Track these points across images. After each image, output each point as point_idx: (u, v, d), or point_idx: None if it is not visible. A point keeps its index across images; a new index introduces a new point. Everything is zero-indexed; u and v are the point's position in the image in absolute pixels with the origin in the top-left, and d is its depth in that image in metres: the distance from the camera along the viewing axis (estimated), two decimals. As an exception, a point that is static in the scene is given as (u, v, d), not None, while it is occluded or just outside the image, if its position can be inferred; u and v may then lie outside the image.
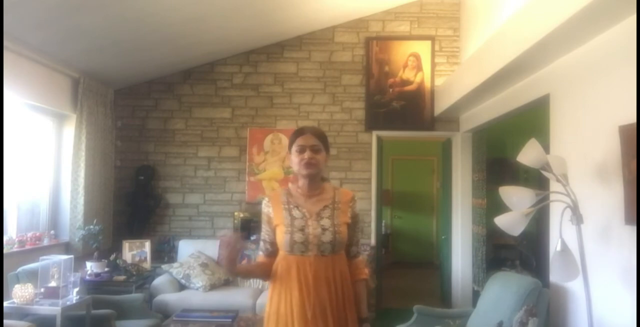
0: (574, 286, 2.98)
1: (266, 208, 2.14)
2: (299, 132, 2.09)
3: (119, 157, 5.67)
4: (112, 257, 4.75)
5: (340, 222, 2.05)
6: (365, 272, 2.17)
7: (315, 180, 2.11)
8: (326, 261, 2.00)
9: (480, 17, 4.94)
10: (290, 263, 2.01)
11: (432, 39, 5.69)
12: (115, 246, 5.20)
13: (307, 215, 2.05)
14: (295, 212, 2.06)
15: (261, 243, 2.16)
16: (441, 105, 5.34)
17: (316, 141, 2.06)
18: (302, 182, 2.11)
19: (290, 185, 2.19)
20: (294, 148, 2.08)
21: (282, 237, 2.03)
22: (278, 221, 2.08)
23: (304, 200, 2.10)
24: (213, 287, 4.80)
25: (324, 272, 1.99)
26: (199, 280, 4.77)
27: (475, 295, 4.90)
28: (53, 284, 3.53)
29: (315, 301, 1.96)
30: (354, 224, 2.13)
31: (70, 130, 4.86)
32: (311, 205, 2.08)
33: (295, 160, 2.07)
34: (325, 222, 2.03)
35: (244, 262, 5.11)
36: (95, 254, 4.63)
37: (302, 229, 2.01)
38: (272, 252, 2.11)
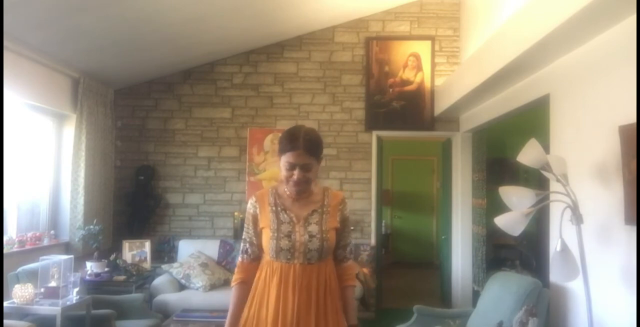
0: (574, 286, 2.98)
1: (252, 208, 2.03)
2: (291, 144, 1.88)
3: (119, 157, 5.67)
4: (112, 257, 4.75)
5: (328, 228, 1.96)
6: (354, 278, 2.12)
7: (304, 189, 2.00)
8: (311, 269, 1.93)
9: (480, 17, 4.94)
10: (274, 270, 1.93)
11: (432, 39, 5.69)
12: (115, 246, 5.20)
13: (294, 220, 1.96)
14: (283, 216, 1.96)
15: (244, 245, 2.04)
16: (441, 105, 5.34)
17: (308, 159, 1.89)
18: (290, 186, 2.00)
19: (278, 185, 2.06)
20: (284, 161, 1.91)
21: (267, 243, 1.94)
22: (264, 224, 1.98)
23: (291, 202, 1.99)
24: (213, 287, 4.80)
25: (308, 282, 1.91)
26: (199, 280, 4.77)
27: (475, 295, 4.90)
28: (53, 284, 3.53)
29: (294, 311, 1.87)
30: (343, 228, 2.04)
31: (70, 130, 4.86)
32: (299, 209, 1.98)
33: (284, 174, 1.94)
34: (313, 228, 1.94)
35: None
36: (95, 254, 4.63)
37: (288, 235, 1.92)
38: (258, 256, 2.02)
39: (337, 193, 2.08)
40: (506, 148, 6.43)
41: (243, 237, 2.05)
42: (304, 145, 1.88)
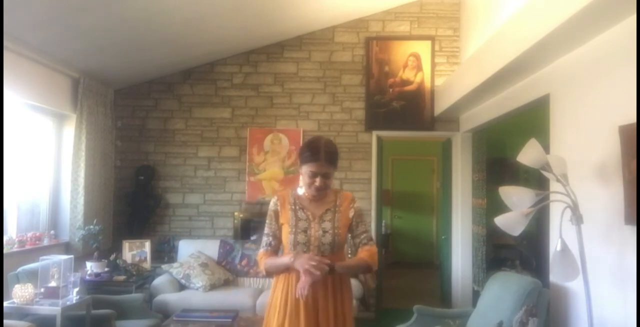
0: (574, 286, 2.98)
1: (274, 206, 2.31)
2: (314, 155, 2.15)
3: (119, 157, 5.67)
4: (112, 257, 4.75)
5: (340, 225, 2.24)
6: (372, 254, 2.25)
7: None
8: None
9: (480, 17, 4.94)
10: None
11: (432, 39, 5.69)
12: (115, 246, 5.20)
13: (310, 217, 2.24)
14: (300, 214, 2.25)
15: (266, 238, 2.31)
16: (441, 105, 5.34)
17: (328, 169, 2.18)
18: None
19: (298, 189, 2.35)
20: (306, 170, 2.18)
21: (286, 237, 2.23)
22: (284, 220, 2.26)
23: (308, 203, 2.28)
24: (213, 287, 4.80)
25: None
26: (199, 280, 4.77)
27: (475, 295, 4.90)
28: (53, 284, 3.53)
29: (315, 298, 2.13)
30: (357, 218, 2.30)
31: (70, 130, 4.86)
32: (315, 208, 2.27)
33: (306, 181, 2.21)
34: (327, 225, 2.23)
35: (244, 262, 5.13)
36: (95, 254, 4.62)
37: (305, 231, 2.21)
38: (276, 247, 2.30)
39: (347, 194, 2.36)
40: (506, 148, 6.43)
41: (265, 232, 2.31)
42: (325, 157, 2.16)
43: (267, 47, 5.75)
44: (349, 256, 5.12)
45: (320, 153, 2.15)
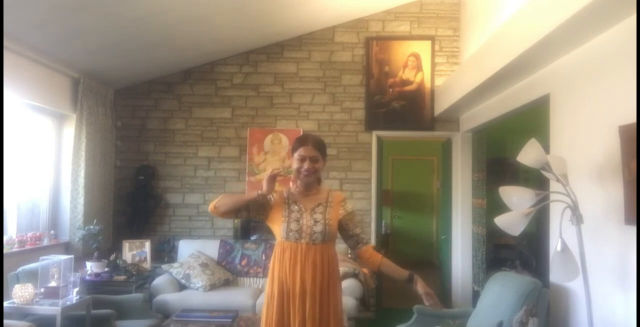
0: (574, 286, 2.98)
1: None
2: (302, 142, 2.38)
3: (119, 157, 5.67)
4: (112, 257, 4.75)
5: (331, 217, 2.39)
6: (378, 253, 2.44)
7: (312, 182, 2.44)
8: (315, 248, 2.33)
9: (480, 17, 4.94)
10: (284, 248, 2.35)
11: (432, 39, 5.69)
12: (115, 246, 5.20)
13: (303, 209, 2.40)
14: (293, 207, 2.41)
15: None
16: (441, 105, 5.34)
17: (315, 152, 2.37)
18: (299, 182, 2.44)
19: (290, 184, 2.51)
20: (296, 156, 2.38)
21: (279, 226, 2.36)
22: (277, 213, 2.40)
23: (301, 197, 2.44)
24: (213, 287, 4.79)
25: (312, 258, 2.31)
26: (199, 280, 4.77)
27: (475, 295, 4.90)
28: (53, 284, 3.53)
29: (304, 283, 2.29)
30: (350, 219, 2.45)
31: (70, 130, 4.86)
32: (307, 202, 2.42)
33: (296, 166, 2.39)
34: (318, 216, 2.38)
35: (244, 262, 5.13)
36: (95, 254, 4.62)
37: (297, 220, 2.36)
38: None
39: (339, 194, 2.52)
40: (506, 148, 6.42)
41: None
42: (312, 143, 2.38)
43: (267, 47, 5.75)
44: (349, 255, 5.12)
45: (308, 140, 2.39)
